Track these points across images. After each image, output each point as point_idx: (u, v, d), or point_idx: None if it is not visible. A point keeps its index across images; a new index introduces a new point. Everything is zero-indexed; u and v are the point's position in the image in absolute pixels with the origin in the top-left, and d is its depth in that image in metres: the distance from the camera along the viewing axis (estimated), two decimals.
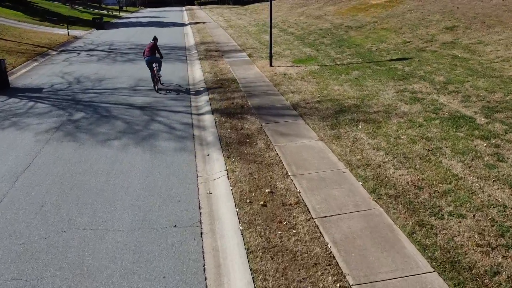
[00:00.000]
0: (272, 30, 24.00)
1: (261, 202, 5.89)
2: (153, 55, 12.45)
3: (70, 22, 33.46)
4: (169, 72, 15.11)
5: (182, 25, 35.14)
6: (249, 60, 16.51)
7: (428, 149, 7.15)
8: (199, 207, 6.03)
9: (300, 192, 6.14)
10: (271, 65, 15.02)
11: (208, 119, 9.88)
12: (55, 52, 20.60)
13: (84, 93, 12.49)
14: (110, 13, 53.66)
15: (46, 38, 23.76)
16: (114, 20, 43.54)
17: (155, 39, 12.99)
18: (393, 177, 6.29)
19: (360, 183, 6.25)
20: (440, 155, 6.90)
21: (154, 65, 12.47)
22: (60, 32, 27.63)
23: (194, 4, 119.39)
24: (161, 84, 13.15)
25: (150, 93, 12.36)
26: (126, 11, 65.26)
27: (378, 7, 23.23)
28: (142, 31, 29.92)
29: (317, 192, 6.13)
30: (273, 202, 5.88)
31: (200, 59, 17.46)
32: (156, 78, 12.59)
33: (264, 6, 45.07)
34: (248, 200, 5.97)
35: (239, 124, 9.25)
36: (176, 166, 7.40)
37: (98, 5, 67.37)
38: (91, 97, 12.07)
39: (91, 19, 38.45)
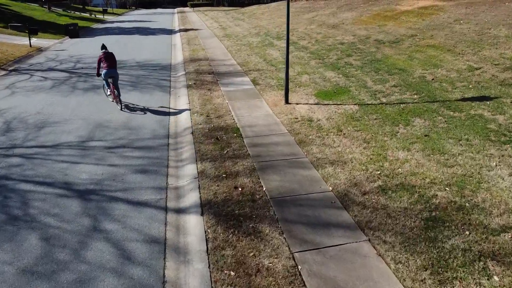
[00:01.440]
0: (279, 42, 19.85)
1: None
2: (116, 66, 11.03)
3: (40, 29, 29.12)
4: (144, 109, 10.86)
5: (171, 32, 30.86)
6: (254, 90, 12.29)
7: None
8: None
9: None
10: (287, 101, 10.81)
11: (194, 231, 5.64)
12: (2, 73, 16.25)
13: (2, 156, 8.19)
14: (92, 16, 49.28)
15: None
16: (95, 25, 39.16)
17: (105, 47, 11.42)
18: None
19: None
20: None
21: (110, 80, 10.86)
22: (22, 42, 23.25)
23: (187, 6, 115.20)
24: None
25: (104, 156, 8.09)
26: (112, 13, 60.87)
27: (410, 15, 19.13)
28: (122, 42, 25.60)
29: None
30: None
31: (188, 86, 13.22)
32: (117, 96, 10.97)
33: (264, 10, 41.00)
34: None
35: (251, 251, 5.03)
36: None
37: (81, 6, 63.01)
38: (9, 166, 7.77)
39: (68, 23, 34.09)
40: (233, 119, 9.87)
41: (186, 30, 30.68)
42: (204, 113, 10.40)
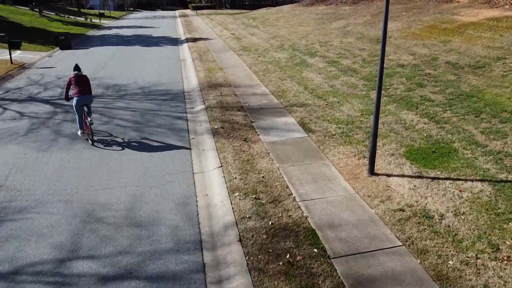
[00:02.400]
0: (314, 61, 16.38)
1: None
2: (90, 91, 9.36)
3: (28, 38, 25.69)
4: (151, 183, 7.36)
5: (177, 42, 27.37)
6: (310, 143, 8.80)
7: None
8: None
9: None
10: (372, 172, 7.30)
11: None
12: None
13: None
14: (88, 21, 45.80)
15: None
16: (91, 32, 35.66)
17: (78, 68, 9.46)
18: None
19: None
20: None
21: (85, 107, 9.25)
22: (2, 57, 19.75)
23: (187, 8, 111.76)
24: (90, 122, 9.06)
25: None
26: (110, 17, 57.41)
27: (479, 28, 15.69)
28: (122, 55, 22.10)
29: None
30: None
31: (214, 132, 9.74)
32: (88, 126, 9.20)
33: (277, 16, 37.59)
34: None
35: None
36: None
37: (77, 9, 59.59)
38: None
39: (60, 31, 30.60)
40: (299, 207, 6.38)
41: (194, 39, 27.19)
42: (249, 191, 6.90)
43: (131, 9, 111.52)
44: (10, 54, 18.96)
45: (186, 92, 13.94)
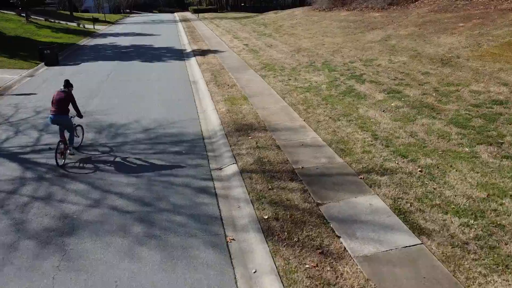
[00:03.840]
0: (363, 87, 12.97)
1: None
2: (64, 112, 8.59)
3: (9, 50, 22.33)
4: None
5: (182, 55, 23.94)
6: (432, 262, 5.34)
7: None
8: None
9: None
10: None
11: None
12: None
13: None
14: (81, 27, 42.35)
15: None
16: (83, 41, 32.18)
17: (68, 85, 8.86)
18: None
19: None
20: None
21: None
22: None
23: (185, 9, 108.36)
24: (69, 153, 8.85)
25: None
26: (104, 21, 53.97)
27: None
28: (118, 74, 18.68)
29: None
30: None
31: (266, 231, 6.27)
32: (62, 149, 8.65)
33: (291, 22, 34.29)
34: None
35: None
36: None
37: (69, 13, 56.17)
38: None
39: (47, 42, 27.17)
40: None
41: (202, 52, 23.75)
42: None
43: (127, 10, 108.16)
44: None
45: (206, 137, 10.48)
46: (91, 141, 10.18)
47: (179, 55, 23.89)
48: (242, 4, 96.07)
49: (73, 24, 43.47)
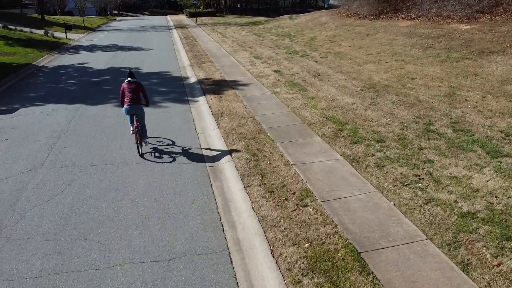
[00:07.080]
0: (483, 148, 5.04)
1: None
2: (138, 101, 8.96)
3: None
4: None
5: (185, 91, 15.93)
6: None
7: None
8: None
9: None
10: None
11: None
12: None
13: None
14: (49, 36, 34.26)
15: None
16: (43, 60, 24.00)
17: (131, 74, 9.21)
18: None
19: None
20: None
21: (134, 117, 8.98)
22: None
23: (178, 11, 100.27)
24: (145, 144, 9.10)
25: None
26: (83, 27, 45.89)
27: None
28: (73, 141, 10.78)
29: None
30: None
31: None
32: (139, 138, 8.97)
33: (325, 33, 26.71)
34: None
35: None
36: None
37: (40, 17, 48.04)
38: None
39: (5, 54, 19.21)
40: None
41: (213, 85, 15.77)
42: None
43: (115, 12, 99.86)
44: None
45: None
46: None
47: (180, 90, 15.93)
48: (238, 6, 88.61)
49: (39, 32, 35.31)
